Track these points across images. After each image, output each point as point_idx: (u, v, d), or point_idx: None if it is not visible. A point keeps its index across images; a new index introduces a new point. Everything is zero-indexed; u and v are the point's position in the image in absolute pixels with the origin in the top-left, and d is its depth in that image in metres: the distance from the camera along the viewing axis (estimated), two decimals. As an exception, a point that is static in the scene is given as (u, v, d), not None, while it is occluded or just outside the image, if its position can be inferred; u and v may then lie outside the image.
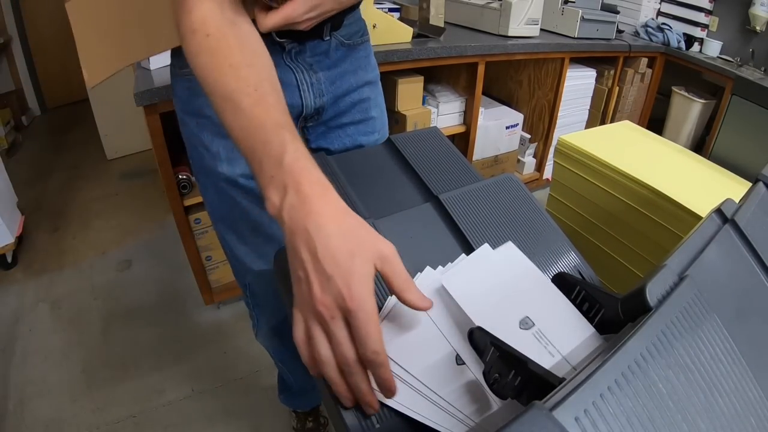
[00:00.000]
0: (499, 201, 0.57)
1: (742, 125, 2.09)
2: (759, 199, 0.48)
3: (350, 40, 0.73)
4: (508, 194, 0.48)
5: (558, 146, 1.31)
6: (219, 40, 0.48)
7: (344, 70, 0.74)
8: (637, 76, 2.36)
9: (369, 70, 0.79)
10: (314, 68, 0.70)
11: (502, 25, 1.83)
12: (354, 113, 0.79)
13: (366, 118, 0.80)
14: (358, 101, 0.78)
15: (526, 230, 0.47)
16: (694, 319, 0.33)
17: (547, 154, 2.28)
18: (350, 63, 0.74)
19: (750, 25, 2.27)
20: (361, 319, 0.34)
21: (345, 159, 0.67)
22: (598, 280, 0.53)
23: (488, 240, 0.50)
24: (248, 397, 1.32)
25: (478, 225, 0.53)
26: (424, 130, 0.74)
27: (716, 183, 1.15)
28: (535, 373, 0.33)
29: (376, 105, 0.81)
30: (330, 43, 0.70)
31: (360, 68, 0.76)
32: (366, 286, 0.35)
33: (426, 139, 0.71)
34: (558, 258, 0.52)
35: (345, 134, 0.79)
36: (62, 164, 2.50)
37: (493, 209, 0.56)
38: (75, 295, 1.65)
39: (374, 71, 0.80)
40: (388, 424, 0.37)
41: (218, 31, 0.48)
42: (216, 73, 0.47)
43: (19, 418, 1.23)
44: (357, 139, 0.80)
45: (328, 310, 0.35)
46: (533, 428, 0.24)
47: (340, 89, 0.75)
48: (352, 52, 0.74)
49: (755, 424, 0.32)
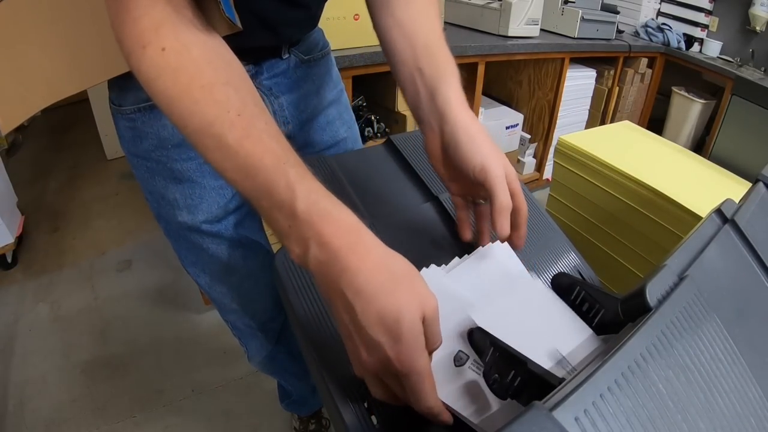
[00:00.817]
0: None
1: (742, 125, 2.09)
2: (759, 199, 0.48)
3: (310, 55, 0.66)
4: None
5: (558, 146, 1.31)
6: (180, 54, 0.36)
7: (306, 92, 0.67)
8: (637, 77, 2.36)
9: (331, 87, 0.72)
10: (274, 92, 0.63)
11: (502, 25, 1.83)
12: (324, 139, 0.73)
13: (336, 141, 0.74)
14: (325, 125, 0.72)
15: (527, 230, 0.47)
16: (694, 320, 0.33)
17: (547, 154, 2.28)
18: (312, 82, 0.68)
19: (750, 26, 2.27)
20: (413, 381, 0.32)
21: (345, 159, 0.67)
22: (598, 281, 0.53)
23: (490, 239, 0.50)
24: (248, 397, 1.32)
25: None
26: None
27: (716, 183, 1.15)
28: (535, 373, 0.33)
29: (343, 123, 0.75)
30: (289, 62, 0.63)
31: (322, 87, 0.70)
32: (415, 348, 0.32)
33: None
34: (558, 258, 0.53)
35: None
36: (62, 164, 2.50)
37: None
38: (75, 295, 1.64)
39: (337, 86, 0.74)
40: (388, 423, 0.37)
41: (178, 43, 0.36)
42: (185, 100, 0.36)
43: (19, 418, 1.23)
44: None
45: (378, 372, 0.33)
46: (533, 428, 0.24)
47: (305, 114, 0.68)
48: (313, 69, 0.68)
49: (755, 424, 0.32)
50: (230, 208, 0.64)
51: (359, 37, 1.39)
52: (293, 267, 0.47)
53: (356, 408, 0.37)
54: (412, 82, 0.49)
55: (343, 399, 0.38)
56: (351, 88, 1.46)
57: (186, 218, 0.62)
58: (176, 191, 0.61)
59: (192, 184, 0.61)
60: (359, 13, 1.34)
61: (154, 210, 0.65)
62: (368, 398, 0.38)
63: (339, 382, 0.38)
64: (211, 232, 0.64)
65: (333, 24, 1.31)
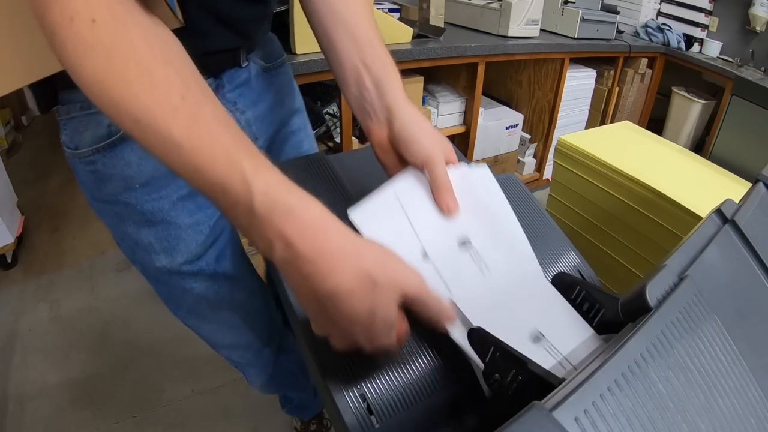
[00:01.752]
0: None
1: (742, 126, 2.09)
2: (759, 200, 0.48)
3: (270, 62, 0.64)
4: (508, 193, 0.49)
5: (558, 146, 1.31)
6: (114, 29, 0.31)
7: (271, 103, 0.65)
8: (637, 77, 2.36)
9: (294, 96, 0.70)
10: (239, 107, 0.60)
11: (502, 25, 1.83)
12: (287, 151, 0.71)
13: (299, 154, 0.72)
14: (289, 135, 0.70)
15: (527, 230, 0.47)
16: (694, 320, 0.33)
17: (547, 154, 2.28)
18: (275, 92, 0.65)
19: (750, 26, 2.27)
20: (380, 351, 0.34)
21: (344, 159, 0.67)
22: (598, 281, 0.53)
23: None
24: (248, 397, 1.32)
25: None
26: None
27: (716, 183, 1.15)
28: (535, 374, 0.33)
29: (307, 136, 0.73)
30: (249, 71, 0.60)
31: (286, 96, 0.68)
32: (386, 335, 0.33)
33: None
34: (558, 258, 0.52)
35: None
36: (62, 164, 2.49)
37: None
38: (75, 295, 1.64)
39: (299, 96, 0.72)
40: (388, 423, 0.37)
41: (111, 16, 0.31)
42: (117, 82, 0.30)
43: (19, 418, 1.23)
44: None
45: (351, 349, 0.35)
46: (533, 428, 0.23)
47: (272, 127, 0.66)
48: (275, 78, 0.66)
49: (755, 424, 0.32)
50: (208, 243, 0.60)
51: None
52: None
53: (356, 408, 0.37)
54: (357, 77, 0.49)
55: (343, 400, 0.37)
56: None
57: (165, 262, 0.58)
58: (150, 235, 0.56)
59: (166, 226, 0.56)
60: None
61: (128, 256, 0.61)
62: (368, 399, 0.38)
63: (338, 383, 0.38)
64: (192, 271, 0.60)
65: (333, 24, 1.31)
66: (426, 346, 0.41)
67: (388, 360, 0.39)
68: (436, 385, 0.40)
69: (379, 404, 0.37)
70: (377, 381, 0.39)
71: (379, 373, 0.39)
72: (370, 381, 0.38)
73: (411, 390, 0.39)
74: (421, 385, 0.39)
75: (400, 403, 0.38)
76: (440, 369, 0.40)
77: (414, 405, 0.38)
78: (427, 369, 0.40)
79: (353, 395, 0.38)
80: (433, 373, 0.40)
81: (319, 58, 1.29)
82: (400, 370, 0.40)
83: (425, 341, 0.41)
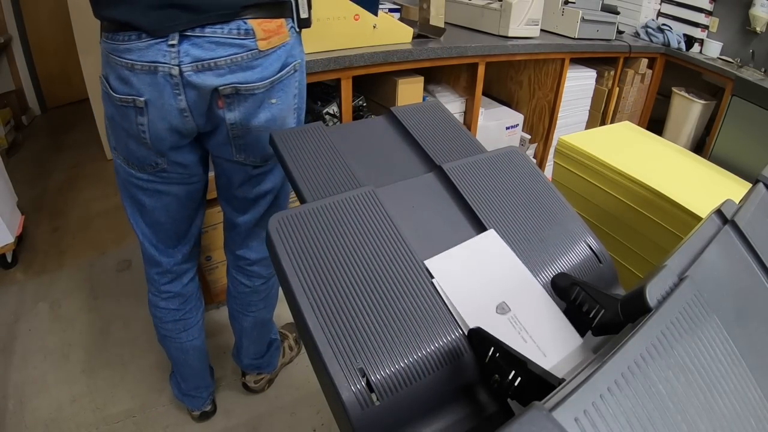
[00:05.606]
0: (504, 173, 0.56)
1: (742, 126, 2.09)
2: (759, 200, 0.48)
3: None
4: (513, 166, 0.48)
5: (558, 147, 1.31)
6: None
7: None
8: (638, 77, 2.36)
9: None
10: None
11: (503, 25, 1.83)
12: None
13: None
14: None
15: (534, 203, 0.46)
16: (693, 320, 0.33)
17: (547, 154, 2.28)
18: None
19: (750, 26, 2.27)
20: None
21: (342, 130, 0.64)
22: (610, 258, 0.52)
23: (496, 213, 0.49)
24: (248, 397, 1.32)
25: (485, 197, 0.53)
26: (426, 102, 0.71)
27: (716, 184, 1.15)
28: (534, 374, 0.33)
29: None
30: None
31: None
32: None
33: (428, 111, 0.68)
34: (575, 243, 0.52)
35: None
36: (62, 164, 2.50)
37: (499, 181, 0.55)
38: (75, 295, 1.65)
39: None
40: (388, 401, 0.36)
41: None
42: None
43: (19, 418, 1.23)
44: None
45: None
46: (533, 428, 0.23)
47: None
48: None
49: (755, 424, 0.32)
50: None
51: (359, 37, 1.39)
52: (287, 231, 0.45)
53: (355, 385, 0.35)
54: None
55: (341, 376, 0.35)
56: (351, 88, 1.46)
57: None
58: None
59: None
60: (359, 13, 1.34)
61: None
62: (368, 374, 0.36)
63: (336, 358, 0.36)
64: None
65: (333, 24, 1.31)
66: (428, 318, 0.40)
67: (389, 330, 0.37)
68: (442, 361, 0.38)
69: (379, 380, 0.35)
70: (378, 354, 0.36)
71: (380, 345, 0.37)
72: (370, 354, 0.36)
73: (415, 365, 0.37)
74: (425, 361, 0.37)
75: (403, 378, 0.36)
76: (445, 344, 0.39)
77: (417, 381, 0.36)
78: (431, 343, 0.38)
79: (351, 369, 0.35)
80: (438, 350, 0.38)
81: (320, 58, 1.29)
82: (402, 342, 0.37)
83: (427, 313, 0.40)
